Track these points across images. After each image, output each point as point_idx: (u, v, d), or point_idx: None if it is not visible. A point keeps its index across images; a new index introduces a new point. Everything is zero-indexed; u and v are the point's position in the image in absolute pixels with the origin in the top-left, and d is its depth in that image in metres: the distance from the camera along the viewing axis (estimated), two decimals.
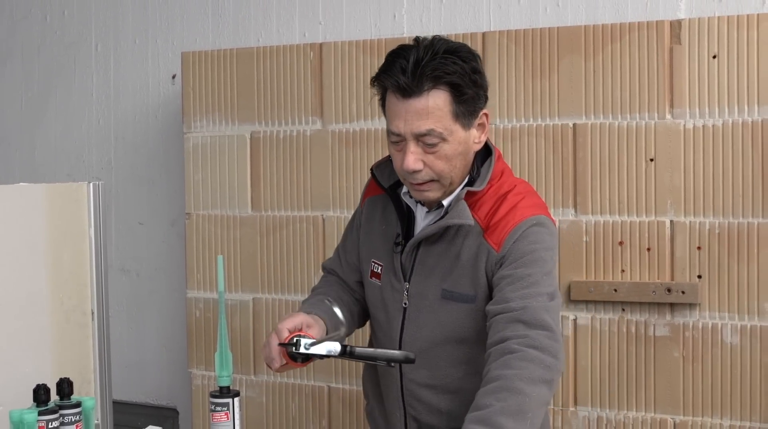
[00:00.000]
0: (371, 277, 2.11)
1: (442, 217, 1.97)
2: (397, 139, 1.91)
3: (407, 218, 2.06)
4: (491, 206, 1.96)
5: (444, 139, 1.88)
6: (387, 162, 2.10)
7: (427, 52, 1.85)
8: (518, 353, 1.77)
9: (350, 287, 2.24)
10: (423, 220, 2.04)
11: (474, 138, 1.95)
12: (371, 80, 1.97)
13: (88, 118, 3.84)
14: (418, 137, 1.88)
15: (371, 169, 2.14)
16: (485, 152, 2.04)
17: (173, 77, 3.62)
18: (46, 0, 3.90)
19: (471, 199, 1.97)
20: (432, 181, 1.93)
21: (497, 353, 1.79)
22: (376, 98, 2.01)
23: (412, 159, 1.88)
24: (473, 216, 1.95)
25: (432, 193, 1.95)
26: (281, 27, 3.40)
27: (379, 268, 2.08)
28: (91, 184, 2.56)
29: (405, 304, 2.02)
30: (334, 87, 3.08)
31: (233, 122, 3.24)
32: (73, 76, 3.86)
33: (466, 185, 1.98)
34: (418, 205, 2.05)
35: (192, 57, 3.31)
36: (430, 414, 2.07)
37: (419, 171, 1.90)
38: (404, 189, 2.05)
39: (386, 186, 2.08)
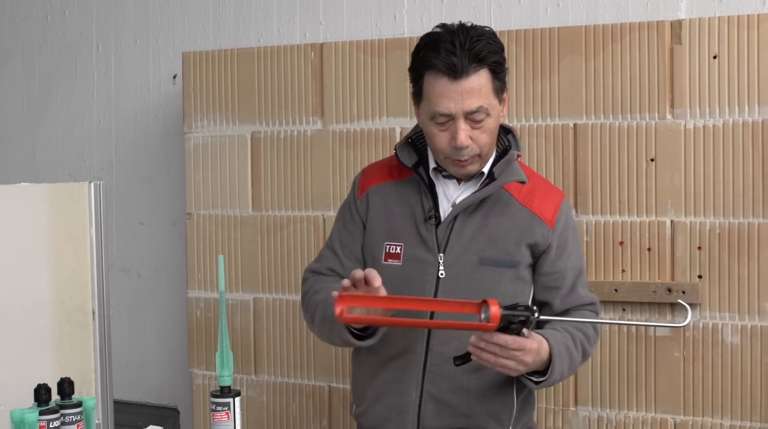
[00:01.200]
0: (386, 260, 2.14)
1: (486, 184, 2.10)
2: (444, 120, 2.02)
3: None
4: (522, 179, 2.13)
5: (488, 115, 2.02)
6: (404, 146, 2.17)
7: (467, 36, 1.98)
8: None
9: None
10: (454, 194, 2.13)
11: (501, 111, 2.10)
12: (414, 64, 2.06)
13: (89, 117, 3.84)
14: (468, 115, 2.00)
15: (395, 149, 2.18)
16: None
17: (174, 77, 3.62)
18: (47, 0, 3.90)
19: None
20: (475, 155, 2.05)
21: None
22: (408, 87, 2.11)
23: (464, 136, 2.00)
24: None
25: (474, 167, 2.08)
26: (282, 27, 3.40)
27: (397, 248, 2.13)
28: (92, 184, 2.56)
29: (441, 274, 2.08)
30: (334, 87, 3.09)
31: (234, 122, 3.25)
32: (74, 76, 3.86)
33: (500, 155, 2.14)
34: (441, 181, 2.14)
35: (193, 57, 3.31)
36: (452, 392, 2.09)
37: (467, 146, 2.02)
38: (432, 166, 2.14)
39: (409, 166, 2.15)
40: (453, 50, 1.97)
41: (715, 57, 2.64)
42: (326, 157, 3.10)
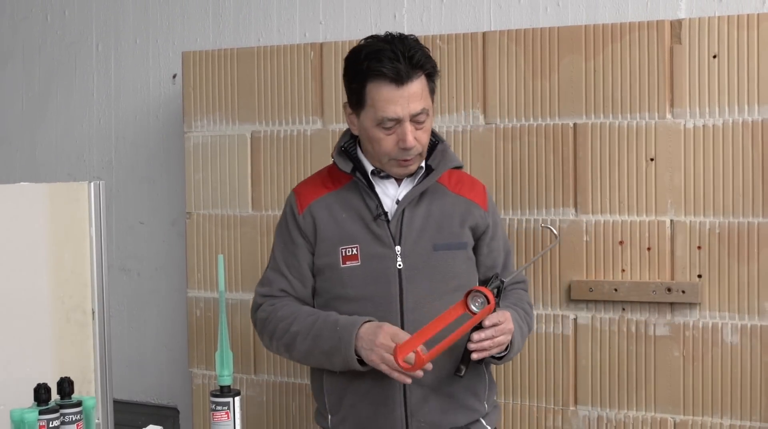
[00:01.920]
0: (344, 263, 2.21)
1: (425, 176, 2.24)
2: (392, 124, 2.13)
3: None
4: (448, 173, 2.30)
5: (428, 116, 2.17)
6: (338, 155, 2.27)
7: (405, 45, 2.12)
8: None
9: (308, 303, 2.30)
10: (394, 192, 2.25)
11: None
12: (355, 74, 2.16)
13: (88, 117, 3.84)
14: (413, 117, 2.13)
15: (333, 158, 2.28)
16: None
17: (174, 77, 3.62)
18: (46, 0, 3.90)
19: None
20: (418, 155, 2.19)
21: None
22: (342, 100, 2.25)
23: (411, 137, 2.13)
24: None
25: (415, 166, 2.22)
26: (282, 27, 3.40)
27: (354, 249, 2.22)
28: (92, 184, 2.57)
29: (399, 265, 2.18)
30: (334, 87, 3.09)
31: (234, 122, 3.25)
32: (74, 76, 3.86)
33: (430, 150, 2.28)
34: (379, 182, 2.25)
35: (192, 57, 3.31)
36: (435, 375, 2.16)
37: (414, 147, 2.15)
38: (369, 169, 2.25)
39: (348, 171, 2.25)
40: (396, 58, 2.09)
41: (714, 56, 2.64)
42: (326, 157, 3.10)
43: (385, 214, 2.22)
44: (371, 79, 2.12)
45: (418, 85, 2.12)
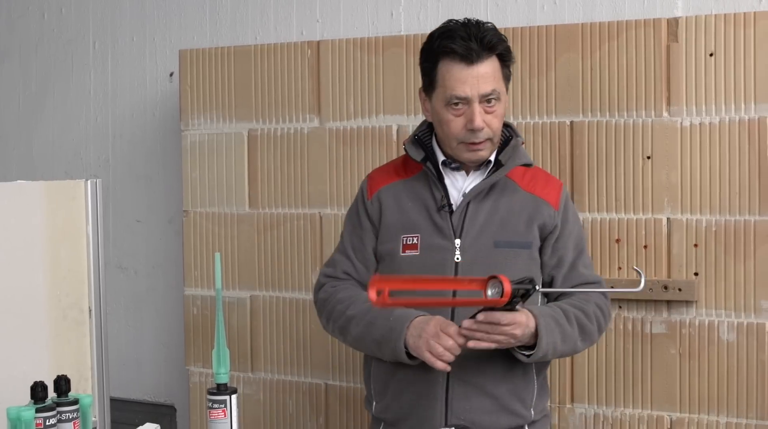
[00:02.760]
0: (404, 252, 2.21)
1: (494, 171, 2.21)
2: (460, 104, 2.13)
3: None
4: (523, 169, 2.27)
5: (499, 100, 2.15)
6: (411, 143, 2.26)
7: (478, 27, 2.14)
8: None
9: None
10: (462, 184, 2.23)
11: (506, 102, 2.22)
12: (428, 54, 2.18)
13: (85, 115, 3.84)
14: (482, 98, 2.12)
15: (404, 146, 2.28)
16: None
17: (171, 75, 3.62)
18: None
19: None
20: (487, 139, 2.16)
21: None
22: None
23: (480, 118, 2.12)
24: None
25: (485, 152, 2.18)
26: (279, 25, 3.40)
27: (414, 239, 2.21)
28: (89, 182, 2.57)
29: (457, 259, 2.17)
30: (331, 85, 3.09)
31: (231, 120, 3.25)
32: (71, 74, 3.86)
33: (503, 144, 2.25)
34: (449, 174, 2.24)
35: (189, 55, 3.31)
36: (478, 373, 2.15)
37: (483, 128, 2.13)
38: (440, 160, 2.23)
39: (418, 160, 2.24)
40: (467, 38, 2.10)
41: (711, 55, 2.64)
42: (323, 155, 3.11)
43: (450, 205, 2.21)
44: (442, 57, 2.13)
45: (489, 66, 2.12)
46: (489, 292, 1.92)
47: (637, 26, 2.71)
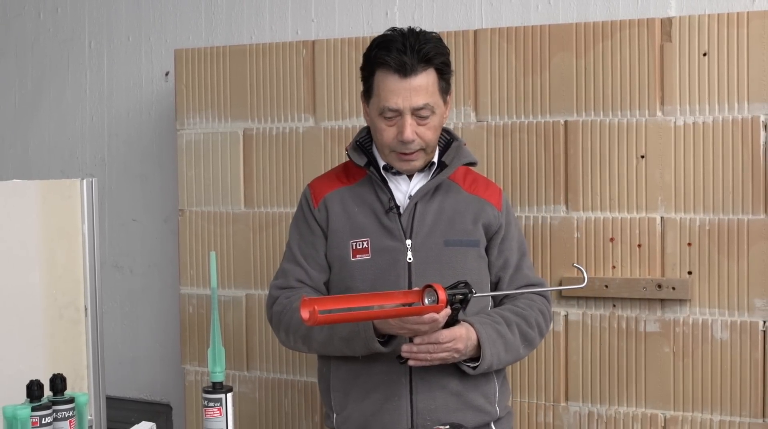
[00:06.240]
0: (354, 257, 2.22)
1: (438, 172, 2.24)
2: (392, 115, 2.15)
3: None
4: (463, 172, 2.32)
5: (433, 112, 2.16)
6: (353, 149, 2.28)
7: (416, 39, 2.13)
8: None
9: (325, 294, 2.29)
10: (408, 187, 2.25)
11: (444, 112, 2.24)
12: (365, 62, 2.19)
13: (81, 114, 3.84)
14: (414, 111, 2.13)
15: (347, 151, 2.30)
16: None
17: (166, 74, 3.62)
18: None
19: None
20: (420, 150, 2.18)
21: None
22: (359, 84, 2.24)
23: (410, 130, 2.13)
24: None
25: (418, 162, 2.21)
26: (274, 24, 3.40)
27: (364, 243, 2.22)
28: (85, 181, 2.57)
29: (409, 259, 2.19)
30: (326, 84, 3.09)
31: (226, 119, 3.25)
32: (67, 73, 3.86)
33: (444, 147, 2.29)
34: (392, 178, 2.26)
35: (185, 54, 3.31)
36: (442, 372, 2.15)
37: (413, 141, 2.15)
38: (381, 165, 2.26)
39: (362, 165, 2.26)
40: (404, 50, 2.11)
41: (705, 54, 2.65)
42: (318, 154, 3.11)
43: (398, 207, 2.23)
44: (378, 67, 2.15)
45: (423, 79, 2.12)
46: (426, 301, 1.94)
47: (630, 26, 2.72)
